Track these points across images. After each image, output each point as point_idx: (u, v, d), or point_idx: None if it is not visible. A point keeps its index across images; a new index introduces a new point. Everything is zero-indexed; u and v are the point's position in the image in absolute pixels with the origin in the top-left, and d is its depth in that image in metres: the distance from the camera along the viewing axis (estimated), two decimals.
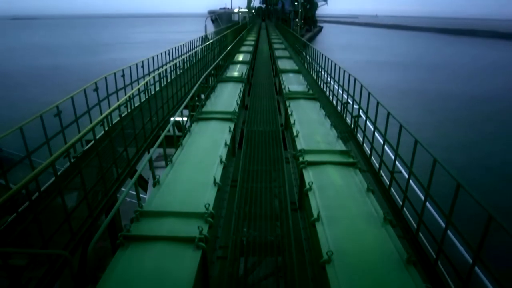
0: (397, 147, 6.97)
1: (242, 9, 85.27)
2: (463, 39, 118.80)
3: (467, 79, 45.30)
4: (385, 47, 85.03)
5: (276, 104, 11.82)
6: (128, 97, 8.96)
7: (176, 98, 12.57)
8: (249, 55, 20.99)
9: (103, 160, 6.93)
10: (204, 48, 20.59)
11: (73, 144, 6.09)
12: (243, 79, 13.21)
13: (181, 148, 6.89)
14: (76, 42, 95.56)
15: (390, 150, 7.72)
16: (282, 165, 7.08)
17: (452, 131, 25.31)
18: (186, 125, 8.85)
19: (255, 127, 9.31)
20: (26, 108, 26.18)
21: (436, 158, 5.24)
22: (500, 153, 21.63)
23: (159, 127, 10.37)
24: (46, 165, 4.90)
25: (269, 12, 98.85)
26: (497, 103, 32.64)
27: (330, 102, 13.61)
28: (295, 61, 19.46)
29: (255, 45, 29.41)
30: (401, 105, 28.40)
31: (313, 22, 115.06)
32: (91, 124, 6.67)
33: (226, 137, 7.45)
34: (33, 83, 39.54)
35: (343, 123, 11.11)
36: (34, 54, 68.71)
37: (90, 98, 9.39)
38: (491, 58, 67.97)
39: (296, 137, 7.68)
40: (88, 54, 67.20)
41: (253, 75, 17.61)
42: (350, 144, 9.24)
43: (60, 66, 52.22)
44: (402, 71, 49.77)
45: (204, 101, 10.19)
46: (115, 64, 14.24)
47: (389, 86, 37.25)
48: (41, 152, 7.19)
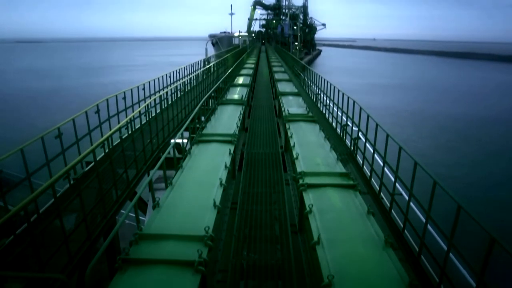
0: (396, 169, 6.97)
1: (242, 33, 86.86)
2: (461, 62, 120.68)
3: (467, 100, 45.65)
4: (385, 70, 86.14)
5: (276, 126, 11.89)
6: (129, 119, 9.02)
7: (176, 120, 12.65)
8: (249, 78, 21.25)
9: (103, 182, 6.92)
10: (205, 71, 20.86)
11: (73, 166, 6.09)
12: (243, 101, 13.33)
13: (181, 170, 6.89)
14: (79, 64, 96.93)
15: (390, 172, 7.72)
16: (282, 188, 7.06)
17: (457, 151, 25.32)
18: (187, 147, 8.88)
19: (255, 149, 9.34)
20: (27, 130, 26.38)
21: (436, 180, 5.24)
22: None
23: (159, 149, 10.39)
24: (45, 187, 4.89)
25: (269, 36, 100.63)
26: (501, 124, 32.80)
27: (330, 124, 13.69)
28: (294, 84, 19.68)
29: (255, 68, 29.79)
30: (402, 125, 28.55)
31: (312, 46, 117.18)
32: (92, 146, 6.70)
33: (226, 159, 7.46)
34: (34, 105, 39.84)
35: (343, 145, 11.15)
36: (37, 76, 69.53)
37: (91, 120, 9.46)
38: (490, 80, 68.84)
39: (296, 159, 7.69)
40: (90, 76, 68.06)
41: (253, 97, 17.79)
42: (350, 166, 9.24)
43: (62, 88, 52.76)
44: (404, 93, 50.22)
45: (205, 124, 10.25)
46: (117, 87, 14.39)
47: (389, 107, 37.57)
48: (41, 173, 7.18)
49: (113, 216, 7.19)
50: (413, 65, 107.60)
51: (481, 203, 16.95)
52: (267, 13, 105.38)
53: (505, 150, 26.14)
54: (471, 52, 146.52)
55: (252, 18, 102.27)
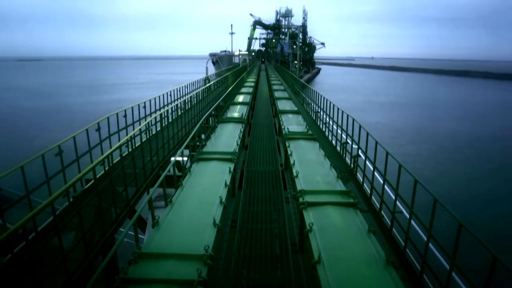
0: (397, 187, 6.96)
1: (243, 52, 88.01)
2: (458, 79, 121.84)
3: (464, 117, 45.87)
4: (383, 88, 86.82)
5: (275, 144, 11.92)
6: (129, 137, 9.06)
7: (176, 138, 12.69)
8: (249, 96, 21.41)
9: (102, 200, 6.90)
10: (205, 89, 21.05)
11: (72, 184, 6.09)
12: (243, 119, 13.40)
13: (181, 188, 6.88)
14: (80, 82, 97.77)
15: (390, 189, 7.70)
16: (282, 206, 7.03)
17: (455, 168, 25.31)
18: (187, 165, 8.88)
19: (255, 167, 9.34)
20: (26, 147, 26.42)
21: (437, 198, 5.23)
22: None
23: (159, 167, 10.39)
24: (44, 205, 4.88)
25: (269, 55, 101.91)
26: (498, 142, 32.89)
27: (330, 142, 13.72)
28: (294, 102, 19.83)
29: (255, 86, 30.05)
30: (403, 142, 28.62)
31: (312, 64, 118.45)
32: (92, 164, 6.70)
33: (226, 177, 7.45)
34: (35, 123, 40.00)
35: (343, 163, 11.15)
36: (39, 94, 70.06)
37: (92, 138, 9.50)
38: (486, 97, 69.43)
39: (296, 177, 7.68)
40: (92, 94, 68.53)
41: (253, 115, 17.88)
42: (350, 184, 9.23)
43: (63, 105, 53.07)
44: (403, 111, 50.49)
45: (205, 142, 10.28)
46: (119, 104, 14.48)
47: (388, 124, 37.73)
48: (40, 191, 7.17)
49: (112, 234, 7.13)
50: (411, 82, 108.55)
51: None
52: (266, 32, 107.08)
53: (503, 167, 26.18)
54: (468, 70, 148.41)
55: (252, 37, 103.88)
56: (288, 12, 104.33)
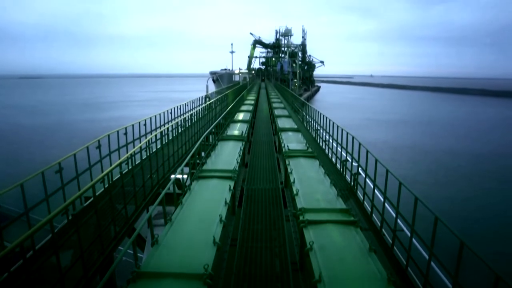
0: (397, 205, 6.93)
1: (243, 70, 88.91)
2: (456, 97, 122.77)
3: (463, 134, 46.02)
4: (382, 105, 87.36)
5: (275, 162, 11.92)
6: (129, 154, 9.07)
7: (177, 156, 12.70)
8: (249, 114, 21.53)
9: (101, 218, 6.86)
10: (205, 107, 21.19)
11: (72, 202, 6.07)
12: (243, 137, 13.44)
13: (181, 206, 6.85)
14: (80, 100, 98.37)
15: (391, 207, 7.67)
16: (282, 224, 6.99)
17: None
18: (187, 183, 8.87)
19: (255, 185, 9.32)
20: (25, 164, 26.39)
21: (438, 216, 5.21)
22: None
23: (159, 185, 10.37)
24: (43, 223, 4.86)
25: (269, 73, 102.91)
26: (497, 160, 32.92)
27: (329, 160, 13.73)
28: (294, 120, 19.93)
29: (255, 104, 30.23)
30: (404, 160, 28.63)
31: (311, 82, 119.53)
32: (91, 181, 6.70)
33: (226, 195, 7.44)
34: (35, 140, 40.07)
35: (343, 180, 11.13)
36: (40, 111, 70.43)
37: (93, 155, 9.52)
38: (484, 114, 69.85)
39: (296, 195, 7.66)
40: (91, 111, 68.88)
41: (253, 133, 17.94)
42: (350, 202, 9.19)
43: (63, 122, 53.27)
44: (402, 128, 50.68)
45: (205, 159, 10.29)
46: (119, 122, 14.55)
47: (387, 141, 37.80)
48: (40, 208, 7.14)
49: (111, 253, 7.06)
50: (410, 100, 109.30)
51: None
52: (266, 51, 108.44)
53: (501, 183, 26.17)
54: (466, 88, 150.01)
55: (252, 56, 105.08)
56: (287, 31, 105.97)
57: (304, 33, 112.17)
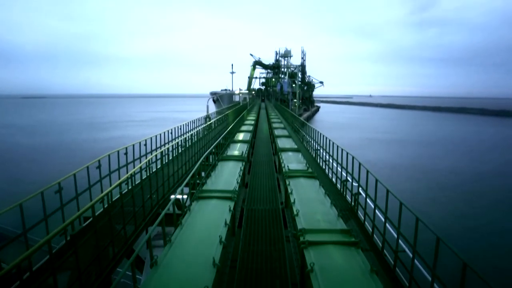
0: (398, 225, 6.89)
1: (243, 91, 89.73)
2: (456, 116, 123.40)
3: (463, 153, 46.00)
4: (381, 125, 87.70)
5: (276, 182, 11.90)
6: (130, 174, 9.07)
7: (177, 176, 12.68)
8: (249, 134, 21.60)
9: (100, 238, 6.80)
10: (206, 127, 21.29)
11: (70, 222, 6.03)
12: (243, 157, 13.46)
13: (181, 227, 6.81)
14: (82, 119, 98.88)
15: (392, 228, 7.61)
16: (282, 245, 6.93)
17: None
18: (186, 203, 8.83)
19: (255, 206, 9.28)
20: (23, 185, 26.30)
21: (439, 236, 5.17)
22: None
23: (158, 205, 10.32)
24: (40, 244, 4.82)
25: (268, 93, 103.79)
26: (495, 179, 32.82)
27: (330, 180, 13.70)
28: (294, 140, 19.97)
29: (255, 124, 30.37)
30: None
31: (311, 102, 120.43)
32: (91, 202, 6.67)
33: (226, 216, 7.40)
34: (36, 160, 40.07)
35: (343, 201, 11.09)
36: (41, 130, 70.70)
37: (93, 175, 9.51)
38: (483, 134, 70.03)
39: (296, 216, 7.62)
40: (94, 131, 69.13)
41: (253, 153, 17.95)
42: (351, 223, 9.13)
43: (63, 142, 53.36)
44: (402, 147, 50.68)
45: (205, 180, 10.28)
46: (120, 141, 14.60)
47: (387, 161, 37.77)
48: (38, 228, 7.10)
49: (109, 274, 6.97)
50: (409, 120, 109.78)
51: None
52: (266, 71, 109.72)
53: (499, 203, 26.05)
54: (465, 107, 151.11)
55: (252, 77, 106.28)
56: (287, 52, 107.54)
57: (304, 54, 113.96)
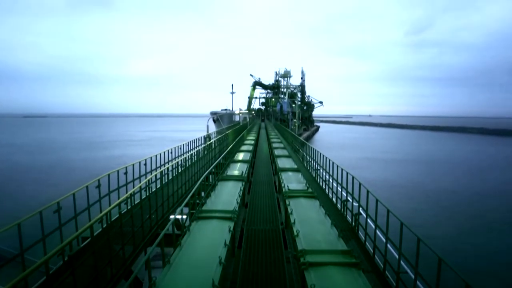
0: (400, 246, 6.83)
1: (243, 110, 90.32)
2: (456, 135, 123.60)
3: (463, 173, 45.86)
4: (381, 144, 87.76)
5: (276, 202, 11.85)
6: (129, 194, 9.04)
7: (176, 196, 12.64)
8: (249, 154, 21.62)
9: (98, 259, 6.72)
10: (206, 147, 21.33)
11: (68, 243, 5.98)
12: (243, 177, 13.44)
13: (180, 247, 6.75)
14: (82, 138, 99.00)
15: (393, 248, 7.54)
16: (283, 266, 6.85)
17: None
18: (186, 224, 8.78)
19: (255, 226, 9.22)
20: (24, 203, 26.12)
21: (441, 257, 5.12)
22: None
23: (157, 225, 10.24)
24: (38, 265, 4.77)
25: (268, 113, 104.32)
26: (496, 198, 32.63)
27: (330, 200, 13.64)
28: (294, 160, 19.98)
29: (255, 144, 30.41)
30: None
31: (311, 122, 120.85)
32: (89, 222, 6.64)
33: (226, 236, 7.35)
34: (37, 178, 39.94)
35: (344, 221, 11.01)
36: (42, 149, 70.69)
37: (93, 194, 9.49)
38: (484, 153, 69.99)
39: (296, 236, 7.57)
40: (94, 150, 69.11)
41: (253, 173, 17.93)
42: (352, 243, 9.04)
43: (63, 161, 53.28)
44: (402, 167, 50.59)
45: (205, 200, 10.25)
46: (121, 160, 14.60)
47: (387, 180, 37.64)
48: (36, 248, 7.03)
49: None
50: (409, 139, 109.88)
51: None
52: (266, 92, 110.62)
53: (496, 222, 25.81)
54: (464, 127, 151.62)
55: (252, 97, 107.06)
56: (286, 73, 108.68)
57: (303, 74, 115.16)
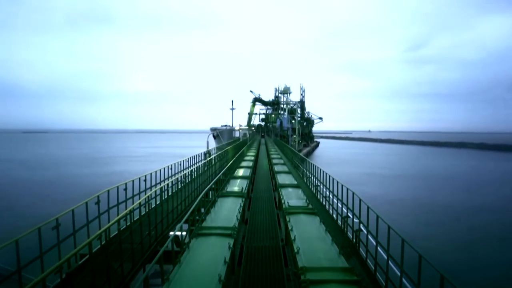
0: (401, 263, 6.76)
1: (243, 126, 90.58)
2: (455, 151, 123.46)
3: (463, 188, 45.67)
4: (382, 160, 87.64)
5: (276, 218, 11.78)
6: (128, 211, 9.00)
7: (176, 212, 12.57)
8: (249, 169, 21.58)
9: (97, 276, 6.65)
10: (206, 163, 21.32)
11: (66, 260, 5.93)
12: (243, 194, 13.39)
13: (179, 265, 6.68)
14: (83, 154, 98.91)
15: (395, 265, 7.46)
16: (283, 284, 6.78)
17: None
18: (185, 240, 8.71)
19: (255, 243, 9.15)
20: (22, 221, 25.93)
21: (444, 275, 5.07)
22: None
23: (157, 242, 10.16)
24: (34, 283, 4.72)
25: (268, 129, 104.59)
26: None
27: (330, 216, 13.57)
28: (294, 176, 19.93)
29: (255, 160, 30.36)
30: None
31: (310, 138, 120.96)
32: (88, 239, 6.59)
33: (225, 253, 7.28)
34: (39, 193, 39.75)
35: (344, 237, 10.93)
36: (43, 165, 70.53)
37: (92, 210, 9.44)
38: (483, 168, 69.85)
39: (297, 253, 7.50)
40: (95, 166, 68.95)
41: (253, 189, 17.87)
42: (353, 260, 8.95)
43: (63, 176, 53.11)
44: (402, 182, 50.42)
45: (204, 216, 10.19)
46: (121, 176, 14.58)
47: (388, 195, 37.49)
48: (34, 266, 6.96)
49: None
50: (408, 155, 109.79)
51: None
52: (266, 108, 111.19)
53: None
54: (464, 142, 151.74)
55: (252, 113, 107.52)
56: (286, 89, 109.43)
57: (303, 90, 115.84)
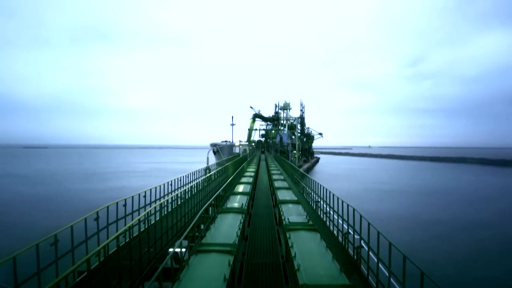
0: (403, 280, 6.68)
1: (243, 142, 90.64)
2: (458, 166, 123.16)
3: (462, 204, 45.39)
4: (382, 176, 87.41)
5: (276, 235, 11.69)
6: (128, 227, 8.95)
7: (175, 229, 12.48)
8: (249, 186, 21.52)
9: None
10: (205, 179, 21.27)
11: (64, 277, 5.86)
12: (243, 210, 13.33)
13: (178, 282, 6.61)
14: (83, 169, 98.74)
15: (397, 282, 7.37)
16: None
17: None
18: (185, 257, 8.63)
19: (255, 260, 9.06)
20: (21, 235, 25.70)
21: None
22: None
23: (156, 259, 10.05)
24: None
25: (268, 145, 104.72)
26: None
27: (331, 233, 13.47)
28: (294, 192, 19.85)
29: (255, 176, 30.29)
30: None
31: (310, 154, 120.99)
32: (86, 255, 6.53)
33: (225, 271, 7.20)
34: (39, 208, 39.51)
35: (345, 254, 10.82)
36: (44, 180, 70.31)
37: (91, 227, 9.38)
38: (484, 183, 69.55)
39: (297, 270, 7.42)
40: (96, 181, 68.72)
41: (253, 205, 17.78)
42: (354, 277, 8.85)
43: (62, 193, 52.88)
44: (403, 198, 50.15)
45: (204, 232, 10.12)
46: (122, 191, 14.53)
47: (388, 211, 37.22)
48: (31, 283, 6.87)
49: None
50: (409, 170, 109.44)
51: None
52: (266, 123, 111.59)
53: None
54: (464, 157, 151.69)
55: (252, 129, 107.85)
56: (286, 105, 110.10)
57: (302, 106, 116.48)
